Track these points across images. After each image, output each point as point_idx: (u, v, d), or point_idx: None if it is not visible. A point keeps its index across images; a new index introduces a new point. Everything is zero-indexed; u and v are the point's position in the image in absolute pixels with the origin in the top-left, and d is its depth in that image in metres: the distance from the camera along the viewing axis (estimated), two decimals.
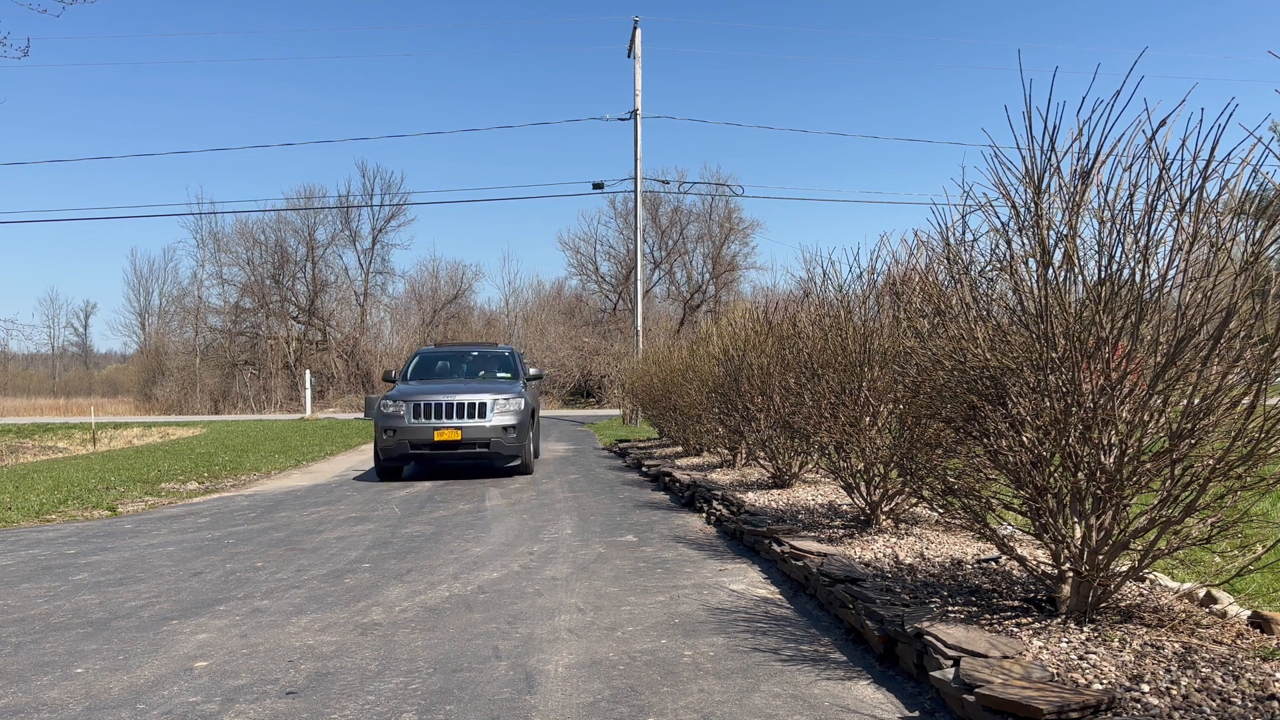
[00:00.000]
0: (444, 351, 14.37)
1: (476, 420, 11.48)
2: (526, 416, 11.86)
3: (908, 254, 6.15)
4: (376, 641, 4.44)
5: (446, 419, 11.44)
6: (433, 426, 11.39)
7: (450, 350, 14.46)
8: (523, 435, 11.77)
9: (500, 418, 11.55)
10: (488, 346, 14.58)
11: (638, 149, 26.70)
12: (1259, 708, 2.88)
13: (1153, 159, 3.57)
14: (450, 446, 11.42)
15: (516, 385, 12.46)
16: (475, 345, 14.80)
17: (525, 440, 11.86)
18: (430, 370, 13.65)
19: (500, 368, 13.69)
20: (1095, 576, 3.84)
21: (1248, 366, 3.41)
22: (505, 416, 11.58)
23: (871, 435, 6.44)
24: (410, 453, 11.52)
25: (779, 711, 3.43)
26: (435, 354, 14.24)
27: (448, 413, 11.48)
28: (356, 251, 50.15)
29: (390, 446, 11.54)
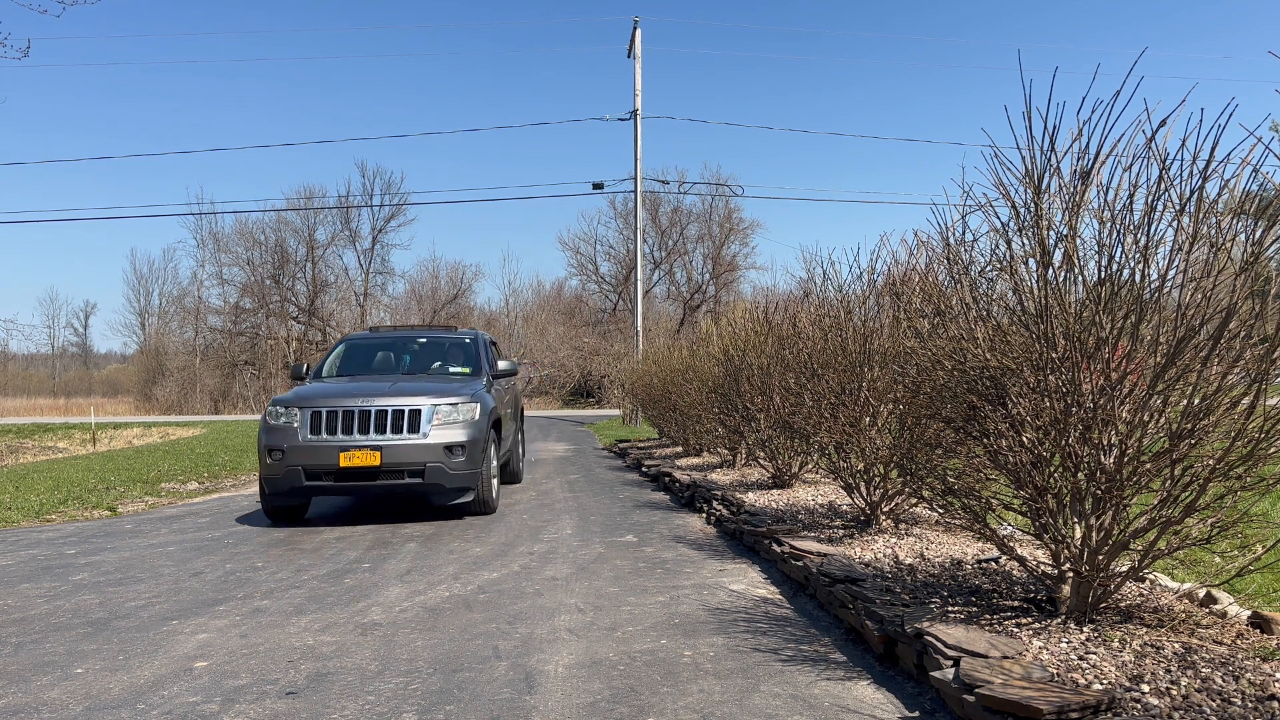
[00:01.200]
0: (380, 339, 10.52)
1: (405, 436, 7.85)
2: (485, 428, 8.27)
3: (908, 254, 6.15)
4: (376, 641, 4.44)
5: (360, 434, 7.81)
6: (338, 445, 7.75)
7: (389, 338, 10.59)
8: (477, 458, 8.11)
9: (443, 432, 7.94)
10: (443, 332, 10.69)
11: (638, 149, 26.70)
12: (1259, 708, 2.88)
13: (1153, 159, 3.57)
14: (364, 475, 7.80)
15: (475, 384, 8.81)
16: (425, 330, 10.87)
17: (483, 465, 8.18)
18: (359, 364, 9.92)
19: (459, 359, 10.04)
20: (1095, 577, 3.84)
21: (1248, 366, 3.41)
22: (451, 431, 7.97)
23: (871, 435, 6.44)
24: (304, 485, 7.81)
25: (779, 711, 3.43)
26: (368, 343, 10.43)
27: (361, 425, 7.85)
28: (356, 251, 50.18)
29: (276, 476, 7.89)
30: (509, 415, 10.36)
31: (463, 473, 8.03)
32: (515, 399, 11.34)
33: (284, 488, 7.92)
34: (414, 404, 8.02)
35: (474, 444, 8.09)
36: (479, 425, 8.19)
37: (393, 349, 10.34)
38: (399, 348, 10.37)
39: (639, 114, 26.74)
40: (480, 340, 10.36)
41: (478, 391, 8.57)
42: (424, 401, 8.05)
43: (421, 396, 8.11)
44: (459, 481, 8.02)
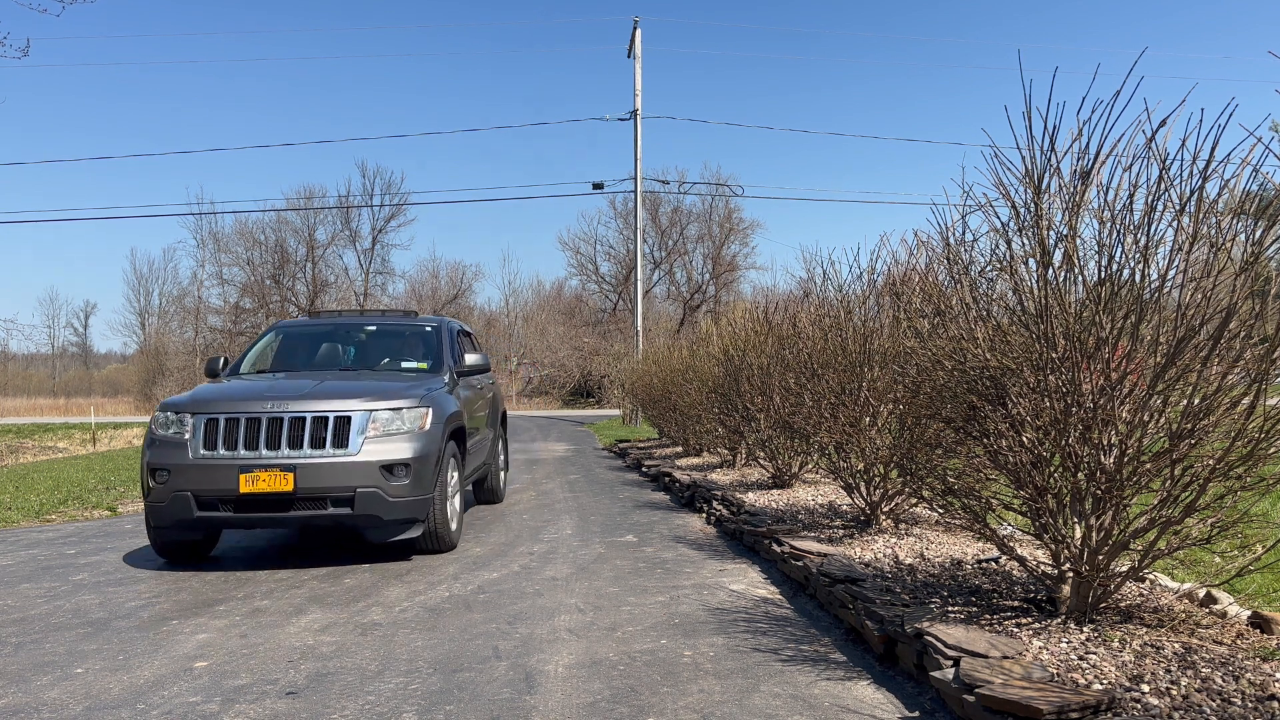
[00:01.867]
0: (319, 327, 8.47)
1: (329, 453, 6.03)
2: (439, 440, 6.46)
3: (908, 254, 6.15)
4: (376, 641, 4.44)
5: (268, 449, 6.00)
6: (238, 464, 5.93)
7: (330, 325, 8.52)
8: (427, 479, 6.26)
9: (380, 446, 6.13)
10: (399, 319, 8.65)
11: (638, 149, 26.70)
12: (1259, 708, 2.88)
13: (1153, 159, 3.57)
14: (273, 505, 5.98)
15: (430, 383, 7.01)
16: (376, 317, 8.74)
17: (435, 488, 6.35)
18: (293, 359, 8.05)
19: (417, 352, 8.05)
20: (1095, 577, 3.84)
21: (1248, 366, 3.41)
22: (391, 444, 6.17)
23: (871, 435, 6.44)
24: (195, 517, 6.01)
25: (779, 711, 3.43)
26: (304, 331, 8.46)
27: (270, 437, 6.03)
28: (356, 251, 50.17)
29: (160, 505, 6.09)
30: (482, 421, 8.44)
31: (407, 499, 6.09)
32: (492, 401, 9.24)
33: (169, 520, 6.05)
34: (342, 409, 6.11)
35: (422, 461, 6.19)
36: (430, 436, 6.35)
37: (334, 339, 8.30)
38: (342, 337, 8.33)
39: (639, 114, 26.74)
40: (445, 329, 8.24)
41: (432, 392, 6.72)
42: (356, 406, 6.15)
43: (353, 399, 6.22)
44: (401, 511, 6.08)
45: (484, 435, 8.54)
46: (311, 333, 8.43)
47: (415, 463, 6.19)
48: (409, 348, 8.14)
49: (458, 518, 6.99)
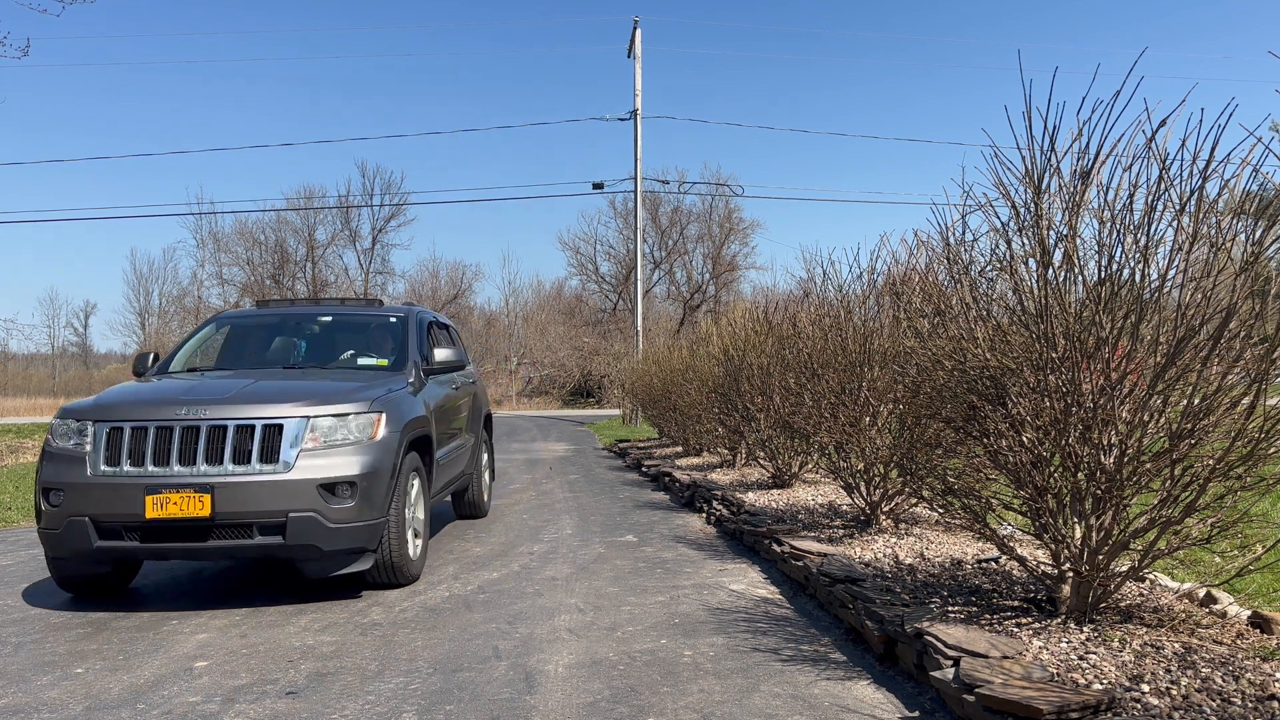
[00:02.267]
0: (266, 319, 7.36)
1: (255, 469, 5.01)
2: (394, 452, 5.41)
3: (908, 254, 6.15)
4: (376, 641, 4.44)
5: (181, 464, 4.98)
6: (144, 483, 4.92)
7: (278, 315, 7.42)
8: (378, 499, 5.24)
9: (320, 460, 5.11)
10: (361, 309, 7.52)
11: (638, 149, 26.71)
12: (1259, 708, 2.88)
13: (1153, 159, 3.57)
14: (187, 533, 4.95)
15: (389, 383, 5.90)
16: (334, 306, 7.75)
17: (390, 509, 5.34)
18: (236, 355, 6.95)
19: (380, 347, 6.89)
20: (1095, 576, 3.84)
21: (1248, 366, 3.41)
22: (333, 458, 5.14)
23: (871, 435, 6.44)
24: (95, 547, 4.97)
25: (779, 711, 3.43)
26: (249, 323, 7.35)
27: (185, 449, 5.01)
28: (356, 251, 50.18)
29: (54, 531, 5.07)
30: (459, 425, 7.45)
31: (352, 525, 5.04)
32: (473, 402, 8.07)
33: (66, 550, 5.03)
34: (272, 415, 5.07)
35: (372, 478, 5.15)
36: (383, 447, 5.28)
37: (284, 332, 7.18)
38: (292, 330, 7.21)
39: (639, 114, 26.74)
40: (413, 320, 7.05)
41: (390, 394, 5.66)
42: (290, 411, 5.10)
43: (288, 403, 5.16)
44: (345, 540, 5.03)
45: (462, 441, 7.51)
46: (257, 324, 7.28)
47: (363, 480, 5.12)
48: (371, 341, 7.00)
49: (422, 543, 5.88)
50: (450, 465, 7.03)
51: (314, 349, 7.08)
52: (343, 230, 49.97)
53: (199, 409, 5.09)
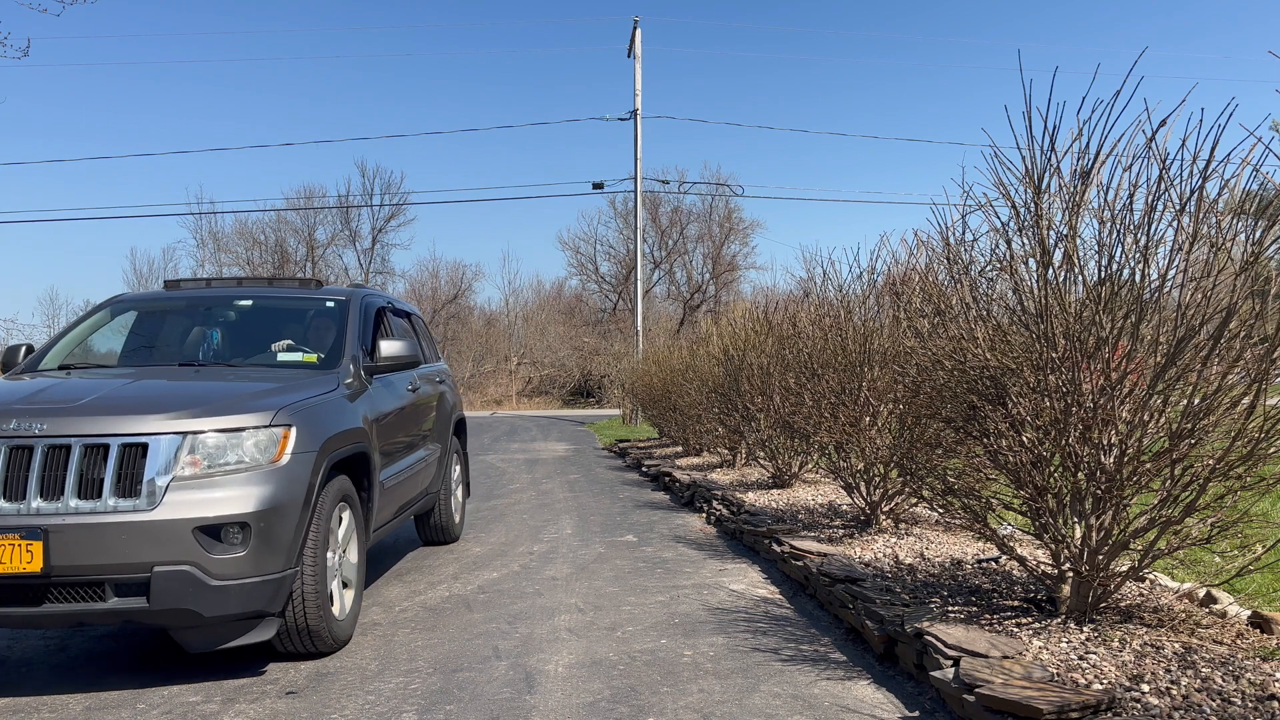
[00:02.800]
0: (170, 304, 5.90)
1: (105, 505, 3.65)
2: (307, 481, 4.04)
3: (908, 254, 6.15)
4: (376, 641, 4.44)
5: (5, 499, 3.64)
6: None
7: (183, 300, 5.90)
8: (282, 546, 3.88)
9: (197, 494, 3.73)
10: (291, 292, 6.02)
11: (638, 149, 26.70)
12: (1259, 708, 2.88)
13: (1153, 159, 3.58)
14: (15, 596, 3.60)
15: (311, 386, 4.60)
16: (257, 289, 6.10)
17: (301, 558, 4.00)
18: (135, 348, 5.66)
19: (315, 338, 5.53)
20: (1095, 576, 3.84)
21: (1248, 366, 3.41)
22: (217, 489, 3.76)
23: (871, 435, 6.44)
24: None
25: (779, 711, 3.43)
26: (149, 309, 5.92)
27: (11, 480, 3.66)
28: (356, 251, 50.16)
29: None
30: (419, 436, 6.07)
31: (245, 582, 3.73)
32: (439, 406, 6.70)
33: None
34: (135, 431, 3.75)
35: (273, 516, 3.82)
36: (290, 475, 3.94)
37: (192, 319, 5.76)
38: (202, 317, 5.75)
39: (639, 114, 26.73)
40: (357, 306, 5.61)
41: (307, 401, 4.32)
42: (160, 425, 3.78)
43: (157, 414, 3.83)
44: (235, 602, 3.72)
45: (424, 455, 6.15)
46: (160, 310, 5.83)
47: (260, 519, 3.75)
48: (303, 331, 5.56)
49: (353, 595, 4.53)
50: (405, 486, 5.61)
51: (229, 341, 5.64)
52: (343, 230, 49.98)
53: (35, 420, 3.71)
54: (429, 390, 6.50)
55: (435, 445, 6.52)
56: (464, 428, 7.62)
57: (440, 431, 6.70)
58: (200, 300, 5.93)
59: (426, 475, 6.24)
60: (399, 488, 5.50)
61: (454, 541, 7.06)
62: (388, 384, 5.55)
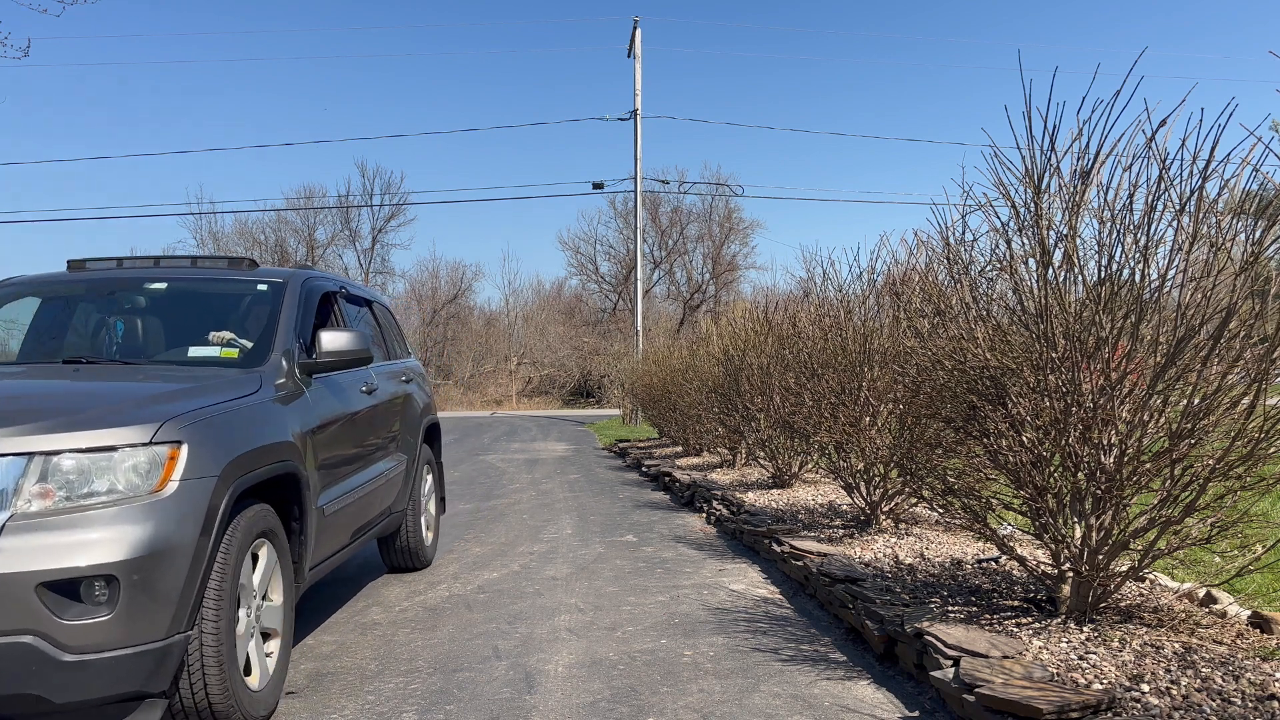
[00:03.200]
0: (70, 286, 4.87)
1: None
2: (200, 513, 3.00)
3: (908, 254, 6.16)
4: (376, 641, 4.44)
5: None
6: None
7: (84, 283, 4.86)
8: (168, 603, 2.85)
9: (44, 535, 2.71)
10: (214, 273, 4.88)
11: (638, 149, 26.71)
12: (1259, 708, 2.88)
13: (1153, 159, 3.58)
14: None
15: (227, 388, 3.62)
16: (172, 269, 4.95)
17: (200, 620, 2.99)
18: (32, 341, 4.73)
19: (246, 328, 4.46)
20: (1095, 576, 3.84)
21: (1248, 366, 3.41)
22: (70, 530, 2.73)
23: (871, 435, 6.44)
24: None
25: (779, 711, 3.43)
26: (48, 292, 4.91)
27: None
28: (356, 251, 50.17)
29: None
30: (377, 446, 5.10)
31: (113, 655, 2.77)
32: (404, 410, 5.67)
33: None
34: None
35: (152, 566, 2.86)
36: (181, 507, 2.99)
37: (94, 305, 4.83)
38: (107, 304, 4.81)
39: (639, 114, 26.74)
40: (295, 290, 4.63)
41: (209, 409, 3.37)
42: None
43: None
44: (99, 683, 2.77)
45: (386, 469, 5.11)
46: (58, 296, 4.87)
47: (134, 570, 2.80)
48: (230, 320, 4.58)
49: (276, 657, 3.55)
50: (358, 508, 4.61)
51: (139, 332, 4.74)
52: (343, 230, 49.98)
53: None
54: (392, 391, 5.44)
55: (400, 456, 5.48)
56: (438, 433, 6.55)
57: (407, 439, 5.66)
58: (103, 284, 4.79)
59: (388, 492, 5.16)
60: (348, 511, 4.44)
61: (424, 567, 5.98)
62: (334, 385, 4.46)
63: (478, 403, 42.86)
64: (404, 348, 6.45)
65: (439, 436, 6.61)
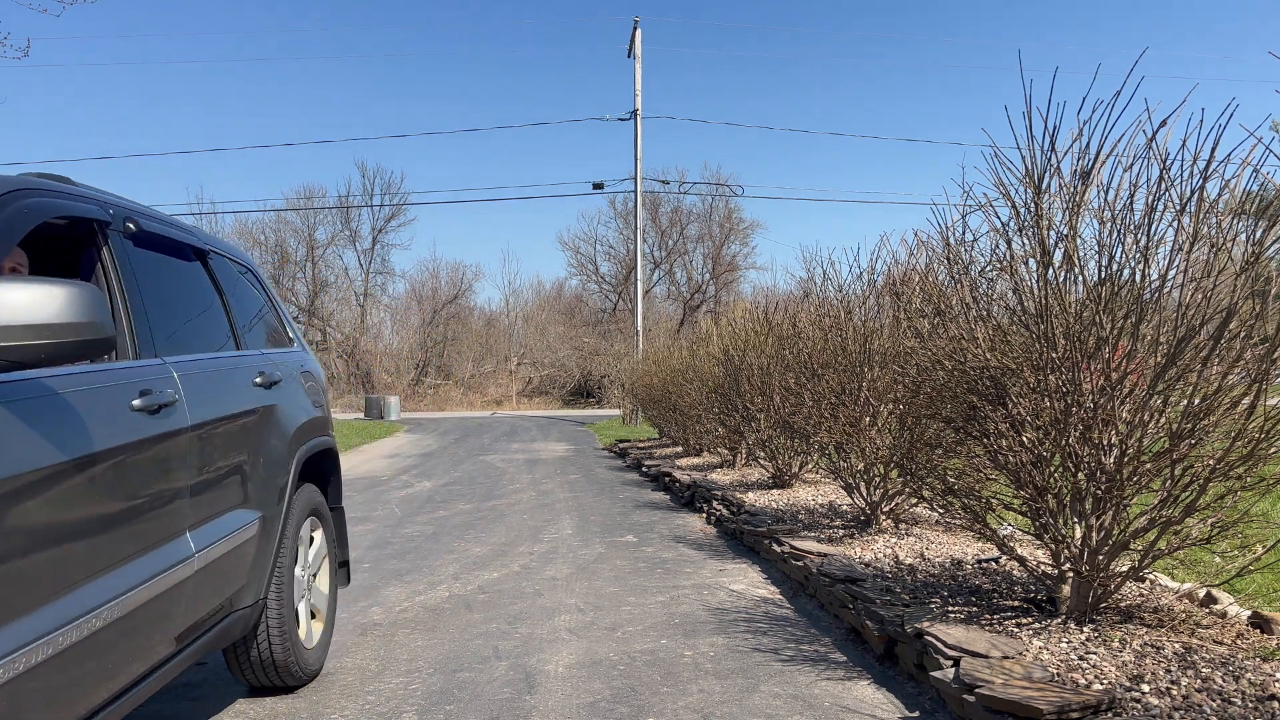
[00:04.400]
0: None
1: None
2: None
3: (908, 254, 6.16)
4: (376, 641, 4.44)
5: None
6: None
7: None
8: None
9: None
10: None
11: (638, 149, 26.71)
12: (1259, 708, 2.88)
13: (1153, 159, 3.58)
14: None
15: None
16: None
17: None
18: None
19: None
20: (1095, 576, 3.84)
21: (1248, 367, 3.41)
22: None
23: (871, 435, 6.44)
24: None
25: (779, 711, 3.43)
26: None
27: None
28: (356, 251, 50.13)
29: None
30: (158, 512, 2.69)
31: None
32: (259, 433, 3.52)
33: None
34: None
35: None
36: None
37: None
38: None
39: (639, 114, 26.74)
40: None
41: None
42: None
43: None
44: None
45: (205, 544, 2.94)
46: None
47: None
48: None
49: None
50: (110, 641, 2.36)
51: None
52: (343, 230, 49.95)
53: None
54: (227, 405, 3.30)
55: (245, 514, 3.30)
56: (333, 466, 4.34)
57: (263, 484, 3.47)
58: None
59: (214, 582, 3.03)
60: (75, 657, 2.20)
61: (305, 683, 3.77)
62: (39, 399, 2.26)
63: (478, 403, 42.86)
64: (283, 330, 4.34)
65: (336, 470, 4.36)
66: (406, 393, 41.74)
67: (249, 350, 3.74)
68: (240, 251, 4.19)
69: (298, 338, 4.51)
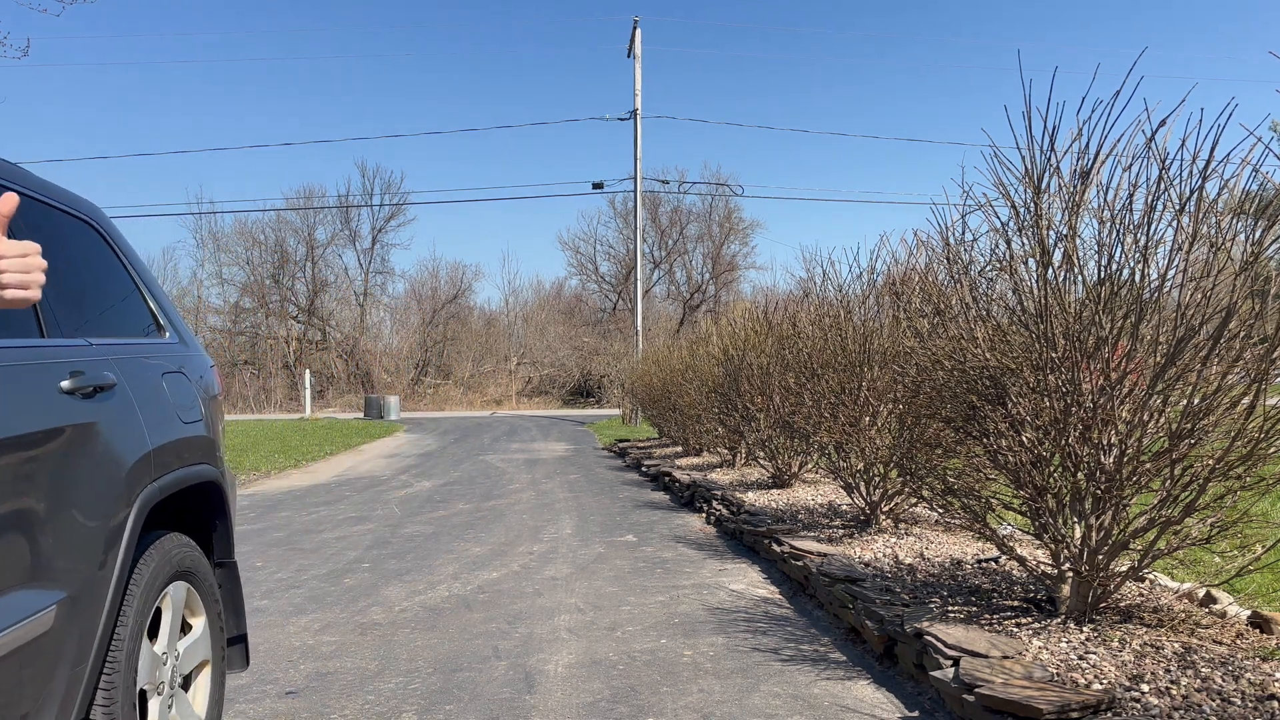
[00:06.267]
0: None
1: None
2: None
3: (907, 254, 6.16)
4: (376, 641, 4.44)
5: None
6: None
7: None
8: None
9: None
10: None
11: (638, 149, 26.70)
12: (1259, 708, 2.88)
13: (1152, 159, 3.58)
14: None
15: None
16: None
17: None
18: None
19: None
20: (1095, 576, 3.84)
21: (1248, 366, 3.41)
22: None
23: (871, 435, 6.44)
24: None
25: (779, 711, 3.43)
26: None
27: None
28: (356, 251, 50.12)
29: None
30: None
31: None
32: (57, 467, 2.09)
33: None
34: None
35: None
36: None
37: None
38: None
39: (639, 114, 26.74)
40: None
41: None
42: None
43: None
44: None
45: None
46: None
47: None
48: None
49: None
50: None
51: None
52: (342, 230, 49.92)
53: None
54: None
55: (31, 596, 1.96)
56: (218, 503, 3.15)
57: (73, 542, 2.15)
58: None
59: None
60: None
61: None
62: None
63: (478, 403, 42.86)
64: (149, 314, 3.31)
65: (223, 512, 3.17)
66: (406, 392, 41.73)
67: (58, 339, 2.38)
68: (74, 195, 2.95)
69: (176, 325, 3.40)
